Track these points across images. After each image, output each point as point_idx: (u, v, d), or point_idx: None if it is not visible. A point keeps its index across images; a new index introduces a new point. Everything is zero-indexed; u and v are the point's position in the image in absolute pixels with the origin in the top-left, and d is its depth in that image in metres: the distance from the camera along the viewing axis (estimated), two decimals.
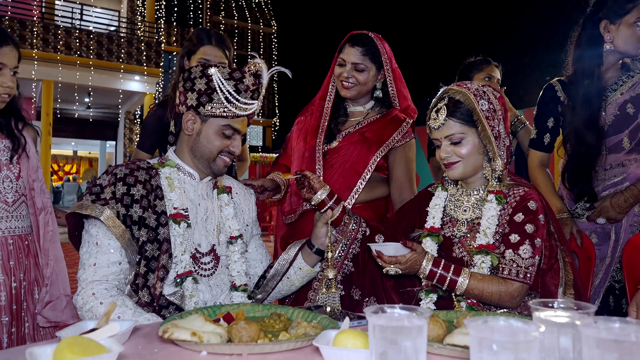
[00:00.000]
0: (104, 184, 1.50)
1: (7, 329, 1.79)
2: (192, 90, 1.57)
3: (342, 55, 2.12)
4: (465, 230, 1.65)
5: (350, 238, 1.79)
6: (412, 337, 0.78)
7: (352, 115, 2.22)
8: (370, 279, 1.80)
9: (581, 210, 2.16)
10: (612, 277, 2.08)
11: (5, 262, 1.82)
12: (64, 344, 0.84)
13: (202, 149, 1.60)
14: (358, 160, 2.06)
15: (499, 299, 1.50)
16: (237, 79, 1.56)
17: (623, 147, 2.07)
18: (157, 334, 1.07)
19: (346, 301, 1.81)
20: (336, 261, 1.79)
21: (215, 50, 2.35)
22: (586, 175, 2.13)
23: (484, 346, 0.72)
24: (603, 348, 0.70)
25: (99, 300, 1.40)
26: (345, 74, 2.10)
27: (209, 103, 1.55)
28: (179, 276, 1.51)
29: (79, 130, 17.09)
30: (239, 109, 1.57)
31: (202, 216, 1.64)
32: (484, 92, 1.60)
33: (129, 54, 13.34)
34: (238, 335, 1.03)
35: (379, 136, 2.09)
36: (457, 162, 1.61)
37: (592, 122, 2.11)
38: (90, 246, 1.47)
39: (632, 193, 2.02)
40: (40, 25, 12.17)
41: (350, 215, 1.79)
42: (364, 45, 2.09)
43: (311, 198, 1.75)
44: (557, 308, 0.90)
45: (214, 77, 1.55)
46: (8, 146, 1.86)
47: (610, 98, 2.10)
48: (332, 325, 1.15)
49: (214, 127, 1.58)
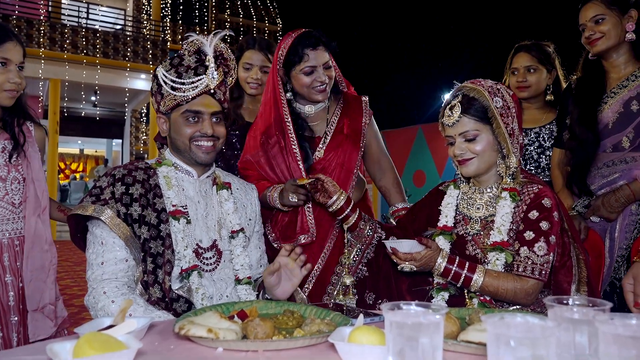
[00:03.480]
0: (103, 186, 1.54)
1: (16, 328, 1.81)
2: (152, 95, 1.65)
3: (309, 63, 1.96)
4: (478, 227, 1.65)
5: (365, 243, 1.80)
6: (429, 333, 0.78)
7: (314, 119, 2.11)
8: (385, 282, 1.81)
9: (580, 208, 2.16)
10: (612, 275, 2.08)
11: (12, 263, 1.83)
12: (84, 340, 0.85)
13: (177, 143, 1.63)
14: (349, 160, 2.05)
15: (514, 296, 1.50)
16: (177, 65, 1.60)
17: (623, 145, 2.06)
18: (172, 330, 1.08)
19: (359, 305, 1.81)
20: (351, 266, 1.80)
21: (256, 54, 2.45)
22: (582, 172, 2.14)
23: (501, 342, 0.73)
24: (620, 344, 0.70)
25: (110, 298, 1.43)
26: (322, 77, 1.98)
27: (162, 99, 1.61)
28: (184, 271, 1.53)
29: (86, 129, 17.14)
30: (186, 91, 1.58)
31: (202, 212, 1.65)
32: (497, 90, 1.60)
33: (135, 52, 13.36)
34: (253, 332, 1.03)
35: (353, 128, 2.08)
36: (471, 158, 1.61)
37: (587, 119, 2.12)
38: (96, 246, 1.50)
39: (623, 193, 2.02)
40: (47, 24, 12.21)
41: (366, 221, 1.80)
42: (322, 41, 1.99)
43: (326, 202, 1.75)
44: (572, 305, 0.90)
45: (159, 74, 1.61)
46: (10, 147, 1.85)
47: (617, 95, 2.10)
48: (345, 322, 1.15)
49: (178, 119, 1.61)
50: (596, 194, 2.11)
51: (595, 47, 2.09)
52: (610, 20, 2.04)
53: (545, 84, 2.56)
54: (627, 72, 2.10)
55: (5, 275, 1.81)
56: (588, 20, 2.09)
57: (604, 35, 2.06)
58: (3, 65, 1.77)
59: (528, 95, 2.54)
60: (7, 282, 1.81)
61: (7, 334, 1.78)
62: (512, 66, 2.59)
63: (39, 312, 1.84)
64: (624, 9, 2.04)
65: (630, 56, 2.10)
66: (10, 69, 1.79)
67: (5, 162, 1.83)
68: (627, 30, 2.04)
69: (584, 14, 2.11)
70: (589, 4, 2.10)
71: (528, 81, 2.52)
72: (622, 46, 2.08)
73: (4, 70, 1.78)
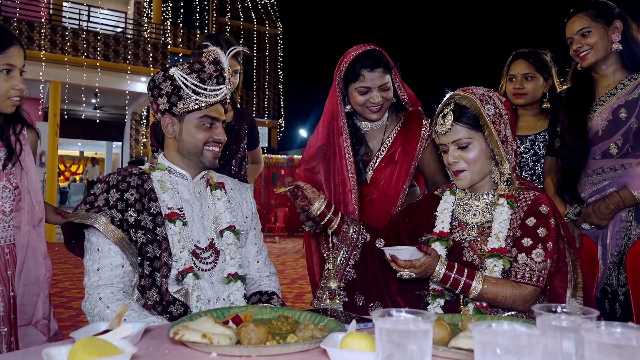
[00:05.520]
0: (97, 193, 1.56)
1: (6, 339, 1.76)
2: (160, 95, 1.62)
3: (364, 84, 1.96)
4: (475, 234, 1.66)
5: (350, 245, 1.82)
6: (418, 340, 0.80)
7: (370, 135, 2.12)
8: (374, 283, 1.82)
9: (572, 215, 2.18)
10: (604, 281, 2.10)
11: (2, 271, 1.78)
12: (79, 345, 0.86)
13: (188, 146, 1.64)
14: (393, 188, 2.05)
15: (512, 303, 1.51)
16: (198, 70, 1.62)
17: (611, 152, 2.08)
18: (167, 335, 1.09)
19: (349, 307, 1.83)
20: (338, 269, 1.82)
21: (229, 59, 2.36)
22: (572, 180, 2.16)
23: (487, 350, 0.74)
24: (605, 352, 0.72)
25: (106, 304, 1.45)
26: (377, 100, 1.97)
27: (180, 101, 1.60)
28: (180, 273, 1.55)
29: (86, 131, 17.19)
30: (208, 97, 1.61)
31: (198, 213, 1.67)
32: (489, 97, 1.61)
33: (135, 55, 13.39)
34: (247, 337, 1.05)
35: (407, 151, 2.06)
36: (463, 170, 1.62)
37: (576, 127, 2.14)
38: (92, 253, 1.53)
39: (613, 200, 2.04)
40: (48, 26, 12.23)
41: (349, 224, 1.81)
42: (383, 63, 1.97)
43: (308, 207, 1.77)
44: (560, 312, 0.91)
45: (176, 76, 1.60)
46: (4, 155, 1.79)
47: (605, 103, 2.12)
48: (338, 328, 1.17)
49: (193, 122, 1.62)
50: (587, 201, 2.13)
51: (585, 62, 2.12)
52: (597, 33, 2.08)
53: (541, 92, 2.58)
54: (615, 81, 2.13)
55: None
56: (575, 34, 2.13)
57: (592, 49, 2.09)
58: (7, 72, 1.73)
59: (524, 103, 2.56)
60: None
61: None
62: (510, 73, 2.61)
63: (31, 326, 1.80)
64: (609, 21, 2.07)
65: (618, 66, 2.13)
66: (14, 75, 1.74)
67: None
68: (614, 40, 2.08)
69: (570, 28, 2.15)
70: (574, 18, 2.14)
71: (525, 88, 2.54)
72: (610, 57, 2.11)
73: (8, 77, 1.73)
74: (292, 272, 7.50)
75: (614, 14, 2.08)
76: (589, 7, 2.11)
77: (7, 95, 1.74)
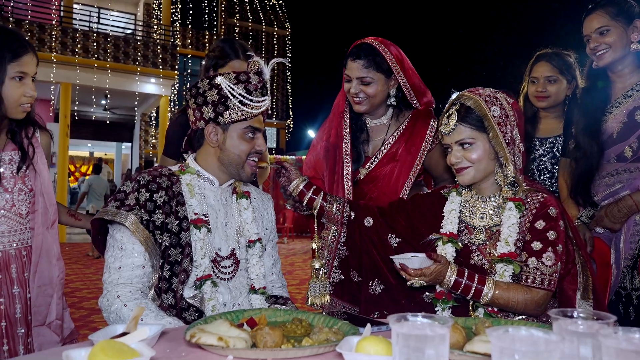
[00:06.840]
0: (127, 191, 1.55)
1: (23, 340, 1.79)
2: (205, 104, 1.61)
3: (346, 72, 2.00)
4: (484, 237, 1.64)
5: (337, 223, 1.85)
6: (435, 345, 0.80)
7: (374, 133, 2.12)
8: (367, 257, 1.83)
9: (585, 218, 2.16)
10: (617, 285, 2.08)
11: (20, 274, 1.80)
12: (98, 348, 0.87)
13: (231, 157, 1.64)
14: (393, 187, 2.04)
15: (524, 308, 1.50)
16: (245, 81, 1.62)
17: (625, 155, 2.05)
18: (183, 338, 1.10)
19: (346, 285, 1.86)
20: (330, 247, 1.86)
21: (244, 65, 2.34)
22: (586, 182, 2.14)
23: (505, 355, 0.74)
24: (623, 358, 0.72)
25: (123, 302, 1.46)
26: (353, 90, 1.98)
27: (226, 111, 1.60)
28: (199, 279, 1.55)
29: (96, 132, 17.30)
30: (254, 108, 1.62)
31: (222, 221, 1.67)
32: (496, 98, 1.60)
33: (145, 56, 13.47)
34: (262, 340, 1.06)
35: (407, 153, 2.04)
36: (467, 167, 1.61)
37: (591, 130, 2.12)
38: (115, 250, 1.52)
39: (626, 203, 2.01)
40: (59, 28, 12.35)
41: (332, 202, 1.83)
42: (366, 56, 1.96)
43: (288, 185, 1.81)
44: (577, 317, 0.91)
45: (223, 85, 1.59)
46: (18, 158, 1.81)
47: (621, 105, 2.09)
48: (352, 331, 1.17)
49: (237, 132, 1.62)
50: (600, 204, 2.11)
51: (602, 61, 2.08)
52: (616, 32, 2.03)
53: (564, 95, 2.49)
54: (632, 82, 2.10)
55: (12, 286, 1.78)
56: (593, 32, 2.08)
57: (610, 48, 2.04)
58: (20, 79, 1.73)
59: (547, 105, 2.48)
60: (15, 294, 1.78)
61: (13, 346, 1.76)
62: (532, 75, 2.52)
63: (45, 327, 1.82)
64: (629, 20, 2.03)
65: (635, 66, 2.09)
66: (27, 82, 1.75)
67: (12, 174, 1.79)
68: (633, 40, 2.04)
69: (589, 25, 2.10)
70: (593, 15, 2.09)
71: (548, 91, 2.46)
72: (628, 56, 2.08)
73: (20, 84, 1.74)
74: (301, 272, 7.51)
75: (635, 13, 2.04)
76: (609, 4, 2.05)
77: (19, 102, 1.75)
